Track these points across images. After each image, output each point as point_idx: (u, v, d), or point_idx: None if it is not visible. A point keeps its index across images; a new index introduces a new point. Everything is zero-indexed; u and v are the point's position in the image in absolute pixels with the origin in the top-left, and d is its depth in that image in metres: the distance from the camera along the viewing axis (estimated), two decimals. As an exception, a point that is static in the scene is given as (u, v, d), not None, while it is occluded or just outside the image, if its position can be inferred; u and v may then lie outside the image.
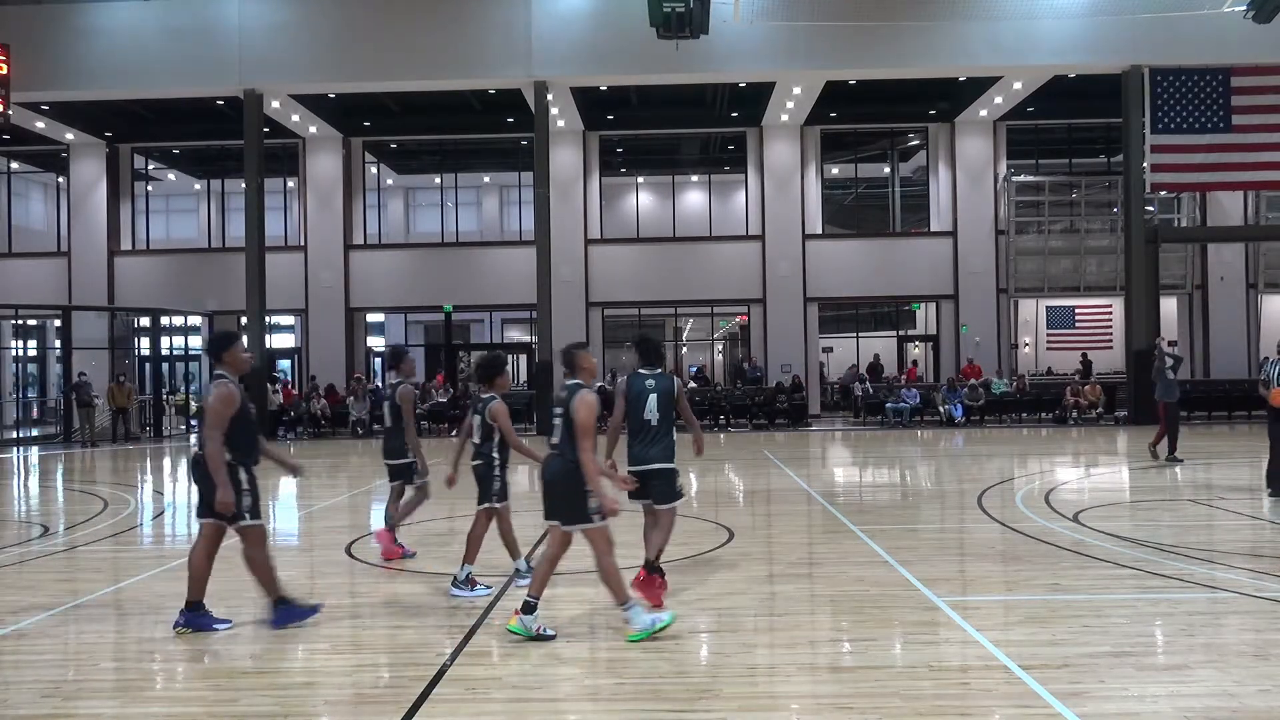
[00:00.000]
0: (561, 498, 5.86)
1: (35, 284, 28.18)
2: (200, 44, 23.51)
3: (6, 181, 30.29)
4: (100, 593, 7.51)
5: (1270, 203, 28.26)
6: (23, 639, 6.24)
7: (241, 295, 24.79)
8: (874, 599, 6.84)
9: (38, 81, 23.52)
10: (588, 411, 5.72)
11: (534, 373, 25.33)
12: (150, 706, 4.99)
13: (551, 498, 5.92)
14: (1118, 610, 6.39)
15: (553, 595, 7.22)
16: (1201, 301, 27.72)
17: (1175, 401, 15.21)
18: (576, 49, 23.41)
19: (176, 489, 15.35)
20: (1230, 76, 22.86)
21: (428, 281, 28.41)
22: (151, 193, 30.64)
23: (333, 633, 6.29)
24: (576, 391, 5.83)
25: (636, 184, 30.08)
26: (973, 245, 27.90)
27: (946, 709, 4.70)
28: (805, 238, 28.07)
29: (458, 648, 5.81)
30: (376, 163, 30.41)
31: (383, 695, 5.09)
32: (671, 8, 18.34)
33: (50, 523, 11.48)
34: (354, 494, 13.72)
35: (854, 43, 22.75)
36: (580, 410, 5.71)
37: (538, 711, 4.79)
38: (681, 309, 29.60)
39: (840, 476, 15.05)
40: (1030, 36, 22.75)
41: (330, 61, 23.75)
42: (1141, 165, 23.44)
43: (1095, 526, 9.35)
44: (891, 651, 5.63)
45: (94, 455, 20.99)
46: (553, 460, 5.93)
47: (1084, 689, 4.92)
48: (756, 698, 4.90)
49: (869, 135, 29.52)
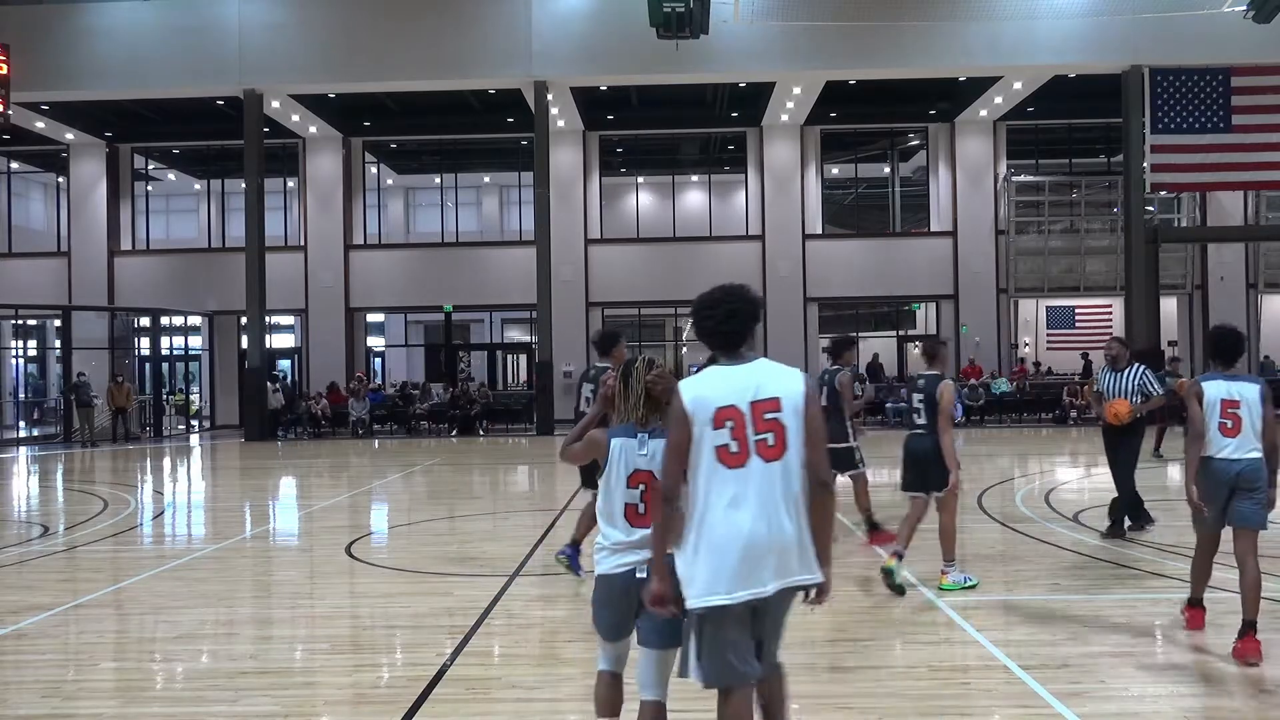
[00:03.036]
0: (929, 470, 6.98)
1: (35, 284, 28.15)
2: (200, 44, 23.50)
3: (6, 181, 30.28)
4: (100, 593, 7.51)
5: (1270, 203, 28.25)
6: (23, 639, 6.25)
7: (241, 295, 24.78)
8: (874, 599, 6.84)
9: (38, 81, 23.51)
10: (950, 397, 6.91)
11: (534, 372, 25.31)
12: (150, 706, 4.99)
13: (919, 470, 7.07)
14: (1118, 610, 6.40)
15: (553, 594, 7.22)
16: (1201, 301, 27.70)
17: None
18: (576, 49, 23.41)
19: (176, 489, 15.35)
20: (1230, 76, 22.84)
21: (428, 281, 28.40)
22: (151, 193, 30.63)
23: (333, 633, 6.30)
24: (939, 381, 6.97)
25: (636, 184, 30.08)
26: (973, 245, 27.90)
27: (946, 709, 4.70)
28: (805, 238, 28.07)
29: (458, 648, 5.81)
30: (376, 163, 30.40)
31: (383, 695, 5.09)
32: (671, 8, 18.34)
33: (50, 523, 11.48)
34: (354, 494, 13.72)
35: (854, 43, 22.74)
36: (945, 396, 6.88)
37: (538, 711, 4.79)
38: (681, 309, 29.56)
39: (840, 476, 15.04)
40: (1030, 36, 22.74)
41: (330, 61, 23.75)
42: (1141, 165, 23.43)
43: (1095, 526, 9.34)
44: (891, 651, 5.63)
45: (94, 455, 20.99)
46: (919, 439, 7.08)
47: (1084, 689, 4.92)
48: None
49: (869, 135, 29.51)
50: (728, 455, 3.26)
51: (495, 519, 11.14)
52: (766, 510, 3.24)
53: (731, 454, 3.26)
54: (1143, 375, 8.81)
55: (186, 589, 7.56)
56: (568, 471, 16.09)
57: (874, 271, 28.02)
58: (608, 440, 3.73)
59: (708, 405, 3.29)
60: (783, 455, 3.28)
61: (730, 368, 3.39)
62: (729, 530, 3.23)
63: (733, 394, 3.31)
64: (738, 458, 3.26)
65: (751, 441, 3.27)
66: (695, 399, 3.30)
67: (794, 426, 3.31)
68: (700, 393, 3.32)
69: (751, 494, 3.24)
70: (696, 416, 3.29)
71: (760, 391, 3.31)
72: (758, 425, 3.28)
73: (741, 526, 3.22)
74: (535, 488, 14.61)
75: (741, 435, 3.27)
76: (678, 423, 3.31)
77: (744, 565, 3.21)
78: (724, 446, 3.26)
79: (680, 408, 3.31)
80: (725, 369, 3.38)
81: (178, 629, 6.39)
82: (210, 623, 6.58)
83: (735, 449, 3.26)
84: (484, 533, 10.04)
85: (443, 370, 29.06)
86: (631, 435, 3.72)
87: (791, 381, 3.35)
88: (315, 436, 24.89)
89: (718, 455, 3.26)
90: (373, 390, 26.67)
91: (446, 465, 17.84)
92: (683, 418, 3.30)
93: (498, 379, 30.32)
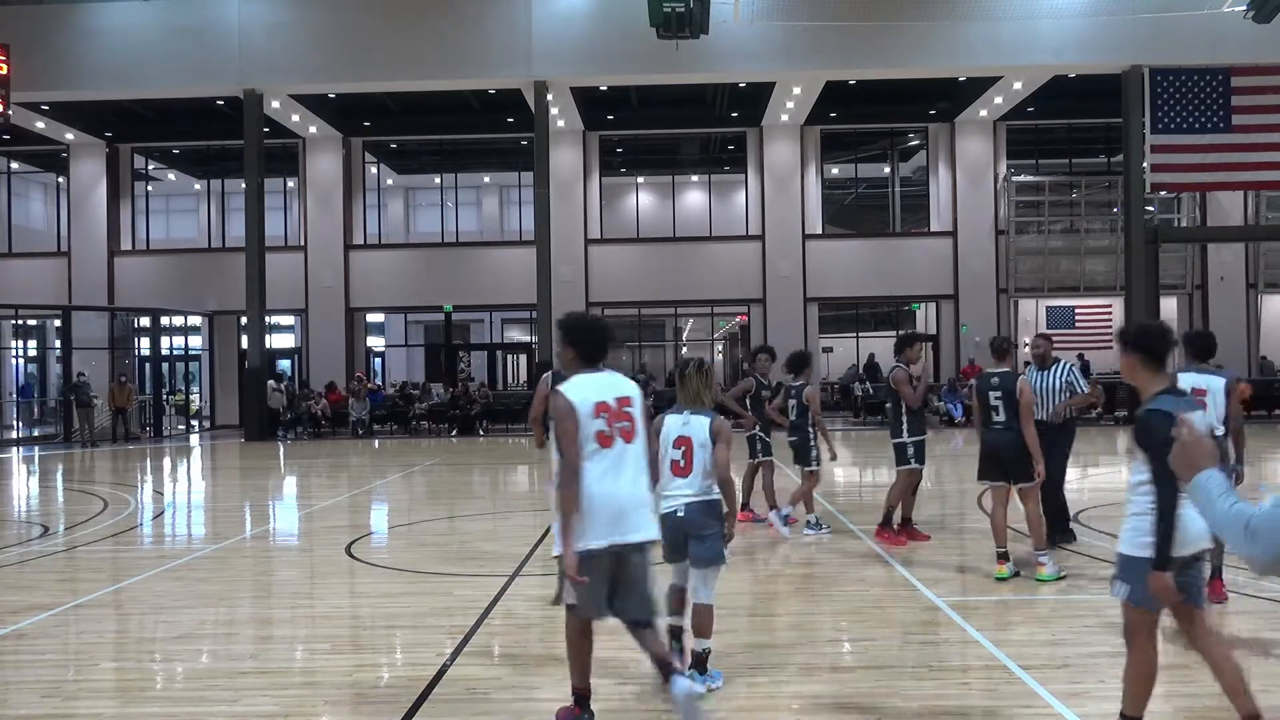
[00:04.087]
0: (1011, 463, 7.27)
1: (35, 284, 28.15)
2: (200, 44, 23.50)
3: (6, 181, 30.28)
4: (100, 593, 7.51)
5: (1270, 203, 28.25)
6: (23, 639, 6.25)
7: (241, 295, 24.77)
8: (874, 599, 6.84)
9: (38, 81, 23.51)
10: (1030, 393, 7.26)
11: (534, 372, 25.30)
12: (150, 706, 4.99)
13: (1000, 463, 7.34)
14: (1118, 610, 6.37)
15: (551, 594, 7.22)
16: (1201, 301, 27.70)
17: None
18: (576, 49, 23.40)
19: (176, 489, 15.36)
20: (1230, 76, 22.84)
21: (428, 281, 28.40)
22: (151, 193, 30.64)
23: (333, 633, 6.30)
24: (1015, 378, 7.26)
25: (636, 184, 30.08)
26: (973, 245, 27.90)
27: (946, 709, 4.70)
28: (805, 238, 28.07)
29: (458, 648, 5.81)
30: (376, 163, 30.40)
31: (383, 695, 5.09)
32: (671, 8, 18.34)
33: (50, 523, 11.48)
34: (354, 494, 13.72)
35: (854, 43, 22.74)
36: (1025, 392, 7.21)
37: (538, 711, 4.78)
38: (681, 309, 29.59)
39: (840, 476, 15.04)
40: (1030, 36, 22.73)
41: (330, 61, 23.74)
42: (1141, 165, 23.42)
43: (1095, 526, 9.34)
44: (891, 651, 5.63)
45: (94, 455, 20.99)
46: (1000, 433, 7.33)
47: (1084, 689, 4.92)
48: (756, 698, 4.90)
49: (869, 135, 29.51)
50: (603, 438, 4.26)
51: (495, 519, 11.14)
52: (629, 479, 4.30)
53: (605, 437, 4.27)
54: (1070, 373, 8.37)
55: (186, 589, 7.56)
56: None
57: (874, 271, 28.02)
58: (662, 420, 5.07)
59: (588, 401, 4.26)
60: (634, 439, 4.35)
61: (595, 375, 4.38)
62: (604, 494, 4.21)
63: (602, 393, 4.31)
64: (609, 440, 4.28)
65: (616, 428, 4.30)
66: (581, 398, 4.24)
67: (639, 418, 4.40)
68: (583, 394, 4.26)
69: (619, 467, 4.29)
70: (581, 410, 4.23)
71: (618, 391, 4.37)
72: (619, 416, 4.33)
73: (613, 491, 4.24)
74: (535, 488, 14.61)
75: (612, 424, 4.30)
76: (568, 415, 4.22)
77: (614, 520, 4.22)
78: (601, 432, 4.26)
79: (569, 404, 4.22)
80: (592, 375, 4.37)
81: (178, 629, 6.39)
82: (210, 623, 6.58)
83: (608, 433, 4.28)
84: (484, 533, 10.04)
85: (443, 370, 29.07)
86: (679, 414, 5.07)
87: (634, 386, 4.48)
88: (315, 436, 24.88)
89: (596, 438, 4.24)
90: (372, 390, 26.67)
91: (446, 465, 17.84)
92: (571, 411, 4.22)
93: (498, 379, 30.33)
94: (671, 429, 5.03)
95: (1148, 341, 3.98)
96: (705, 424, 4.96)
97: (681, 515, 4.88)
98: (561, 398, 4.25)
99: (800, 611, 6.57)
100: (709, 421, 4.97)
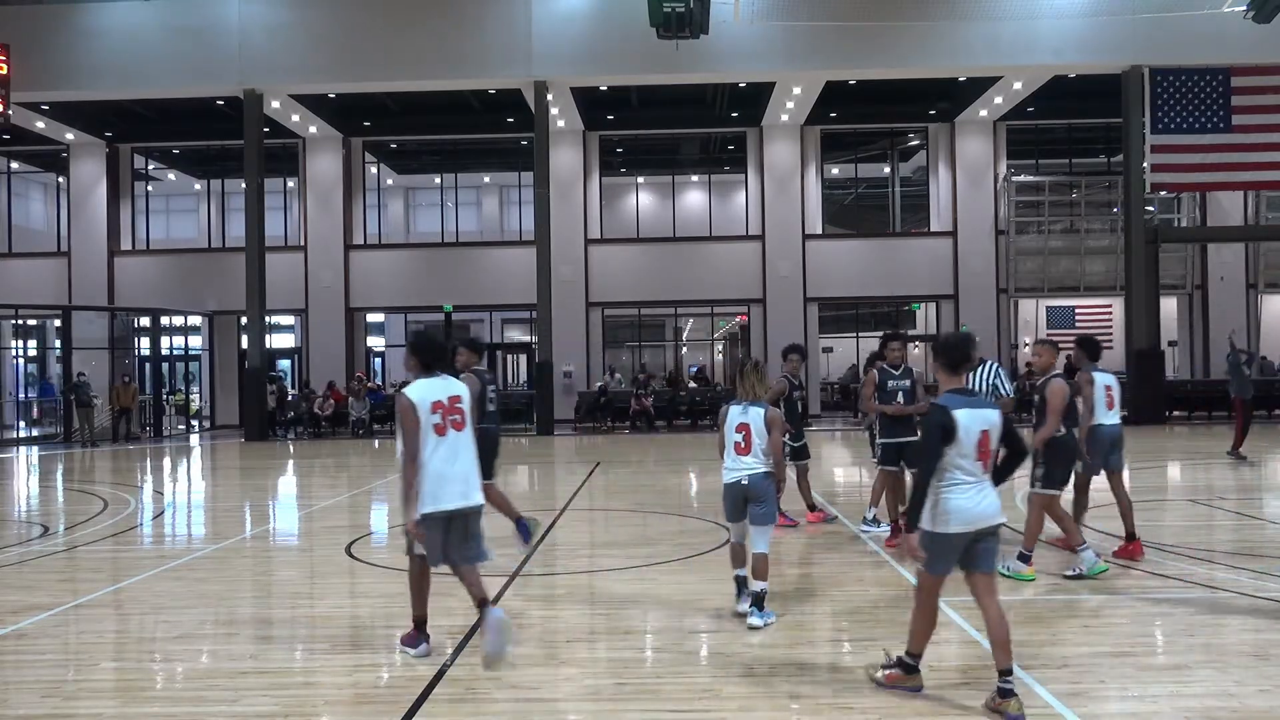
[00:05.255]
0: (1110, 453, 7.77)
1: (35, 284, 28.17)
2: (200, 44, 23.52)
3: (6, 181, 30.29)
4: (100, 593, 7.51)
5: (1270, 203, 28.25)
6: (23, 639, 6.25)
7: (241, 295, 24.78)
8: (874, 599, 6.84)
9: (38, 81, 23.52)
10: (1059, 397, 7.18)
11: (534, 372, 25.30)
12: (150, 706, 4.99)
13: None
14: (1118, 610, 6.40)
15: (553, 594, 7.22)
16: (1201, 301, 27.71)
17: (1249, 398, 15.00)
18: (576, 49, 23.41)
19: (176, 489, 15.35)
20: (1230, 76, 22.85)
21: (428, 281, 28.41)
22: (151, 193, 30.63)
23: (333, 633, 6.29)
24: (1050, 380, 7.27)
25: (636, 184, 30.08)
26: (973, 245, 27.90)
27: (947, 709, 4.70)
28: (805, 238, 28.07)
29: (458, 648, 5.81)
30: (376, 163, 30.40)
31: (383, 695, 5.09)
32: (671, 8, 18.34)
33: (50, 523, 11.48)
34: (354, 494, 13.72)
35: (854, 43, 22.74)
36: (1053, 396, 7.18)
37: (538, 711, 4.79)
38: (681, 309, 29.59)
39: (840, 476, 15.04)
40: (1030, 36, 22.74)
41: (330, 61, 23.75)
42: (1141, 165, 23.43)
43: (1095, 527, 9.33)
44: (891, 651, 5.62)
45: (94, 455, 20.99)
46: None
47: (1084, 689, 4.92)
48: (756, 698, 4.90)
49: (869, 135, 29.51)
50: (439, 429, 5.47)
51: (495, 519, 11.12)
52: (459, 459, 5.52)
53: (440, 428, 5.48)
54: (996, 374, 7.95)
55: (186, 589, 7.56)
56: (568, 472, 16.09)
57: (874, 271, 28.02)
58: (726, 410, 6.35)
59: (427, 400, 5.47)
60: (464, 429, 5.57)
61: (433, 379, 5.59)
62: (439, 471, 5.43)
63: (437, 393, 5.52)
64: (444, 430, 5.49)
65: (450, 420, 5.51)
66: (420, 398, 5.44)
67: (468, 411, 5.61)
68: (422, 394, 5.48)
69: (453, 450, 5.49)
70: (421, 407, 5.42)
71: (450, 392, 5.58)
72: (451, 411, 5.54)
73: (445, 469, 5.45)
74: (535, 488, 14.60)
75: (445, 417, 5.49)
76: (410, 411, 5.41)
77: (447, 489, 5.44)
78: (437, 424, 5.46)
79: (410, 403, 5.42)
80: (429, 380, 5.57)
81: (178, 629, 6.39)
82: (210, 623, 6.58)
83: (442, 425, 5.48)
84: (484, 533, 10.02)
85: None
86: (739, 405, 6.30)
87: (463, 387, 5.68)
88: (315, 436, 24.89)
89: (434, 429, 5.45)
90: (372, 390, 26.66)
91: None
92: (412, 409, 5.42)
93: (497, 379, 30.31)
94: (734, 417, 6.26)
95: (944, 351, 4.85)
96: (761, 414, 6.19)
97: (745, 484, 6.15)
98: (404, 398, 5.45)
99: (800, 611, 6.57)
100: (764, 412, 6.21)
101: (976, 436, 4.59)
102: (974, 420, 4.59)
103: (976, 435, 4.59)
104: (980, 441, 4.61)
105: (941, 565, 4.68)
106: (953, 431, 4.55)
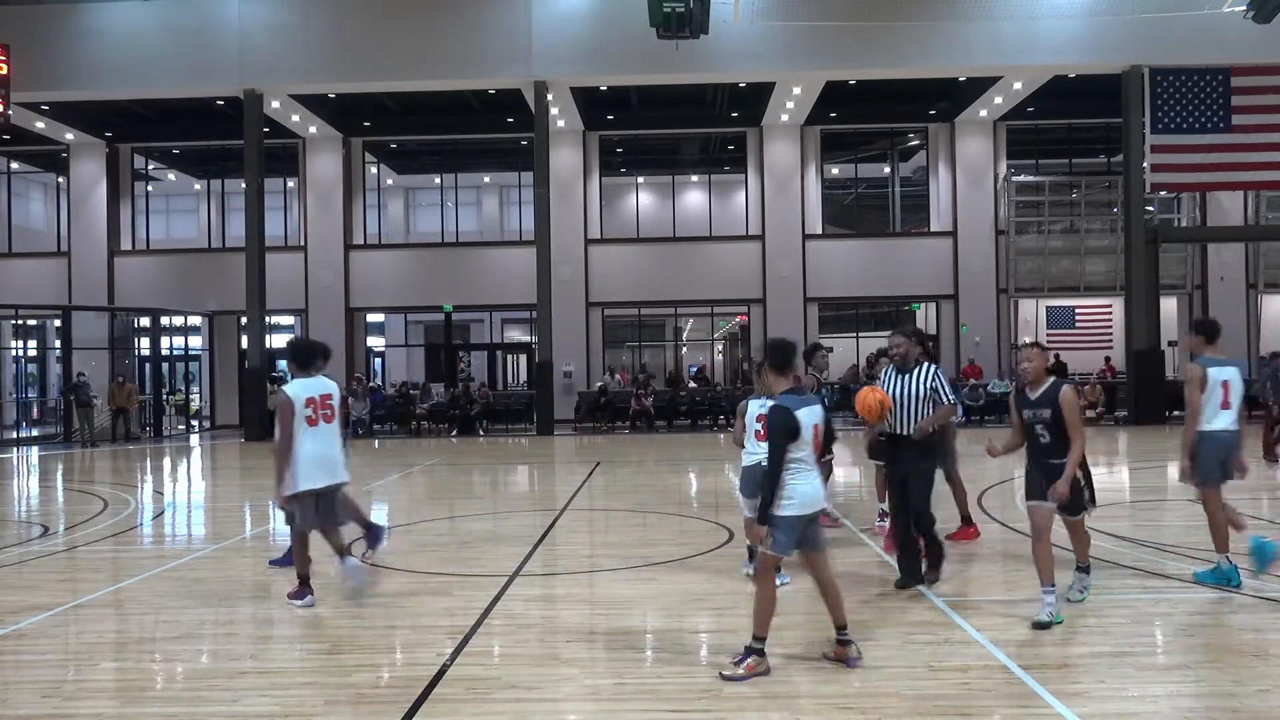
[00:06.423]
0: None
1: (35, 284, 28.16)
2: (200, 44, 23.51)
3: (6, 181, 30.29)
4: (100, 593, 7.52)
5: (1270, 203, 28.24)
6: (23, 639, 6.25)
7: (241, 295, 24.78)
8: (874, 599, 6.84)
9: (38, 81, 23.51)
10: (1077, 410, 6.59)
11: (534, 372, 25.30)
12: (150, 706, 4.99)
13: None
14: (1118, 610, 6.39)
15: (553, 594, 7.22)
16: (1201, 301, 27.69)
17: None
18: (576, 49, 23.41)
19: (176, 489, 15.35)
20: (1230, 76, 22.85)
21: (428, 281, 28.41)
22: (151, 193, 30.62)
23: (333, 633, 6.29)
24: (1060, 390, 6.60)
25: (636, 184, 30.08)
26: (973, 245, 27.90)
27: (946, 709, 4.70)
28: (805, 238, 28.07)
29: (458, 648, 5.81)
30: (376, 163, 30.40)
31: (383, 695, 5.09)
32: (671, 8, 18.33)
33: (50, 523, 11.48)
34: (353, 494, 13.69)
35: (854, 43, 22.74)
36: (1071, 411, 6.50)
37: (538, 711, 4.79)
38: (681, 309, 29.59)
39: (840, 476, 15.04)
40: (1030, 36, 22.74)
41: (330, 61, 23.74)
42: (1141, 165, 23.43)
43: (1095, 527, 9.33)
44: (891, 651, 5.63)
45: (94, 455, 20.99)
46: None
47: (1084, 689, 4.92)
48: (756, 698, 4.90)
49: (869, 135, 29.50)
50: (311, 420, 6.81)
51: (495, 519, 11.14)
52: (329, 444, 6.90)
53: (313, 420, 6.83)
54: (936, 377, 7.35)
55: (186, 589, 7.56)
56: (568, 472, 16.09)
57: (874, 271, 28.02)
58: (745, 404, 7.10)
59: (301, 396, 6.80)
60: (333, 420, 6.94)
61: (309, 379, 6.96)
62: (311, 454, 6.78)
63: (311, 391, 6.88)
64: (315, 421, 6.84)
65: (321, 413, 6.87)
66: (296, 394, 6.76)
67: (336, 406, 6.99)
68: (298, 392, 6.80)
69: (324, 438, 6.87)
70: (297, 402, 6.75)
71: (322, 389, 6.95)
72: (323, 406, 6.89)
73: (316, 452, 6.81)
74: (535, 488, 14.61)
75: (317, 411, 6.85)
76: (288, 407, 6.71)
77: (319, 470, 6.82)
78: (310, 416, 6.81)
79: (288, 398, 6.71)
80: (305, 380, 6.93)
81: (178, 629, 6.40)
82: (210, 623, 6.58)
83: (314, 417, 6.84)
84: (484, 533, 10.04)
85: (443, 370, 29.06)
86: (759, 399, 6.85)
87: (334, 385, 7.07)
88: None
89: (307, 421, 6.79)
90: (372, 390, 26.67)
91: (446, 465, 17.83)
92: (289, 404, 6.72)
93: (498, 379, 30.33)
94: (753, 409, 6.93)
95: (773, 354, 5.51)
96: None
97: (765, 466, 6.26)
98: (283, 394, 6.74)
99: (800, 611, 6.57)
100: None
101: (811, 431, 5.29)
102: (810, 416, 5.29)
103: (811, 429, 5.29)
104: (814, 435, 5.33)
105: (786, 545, 5.23)
106: (797, 430, 5.20)
